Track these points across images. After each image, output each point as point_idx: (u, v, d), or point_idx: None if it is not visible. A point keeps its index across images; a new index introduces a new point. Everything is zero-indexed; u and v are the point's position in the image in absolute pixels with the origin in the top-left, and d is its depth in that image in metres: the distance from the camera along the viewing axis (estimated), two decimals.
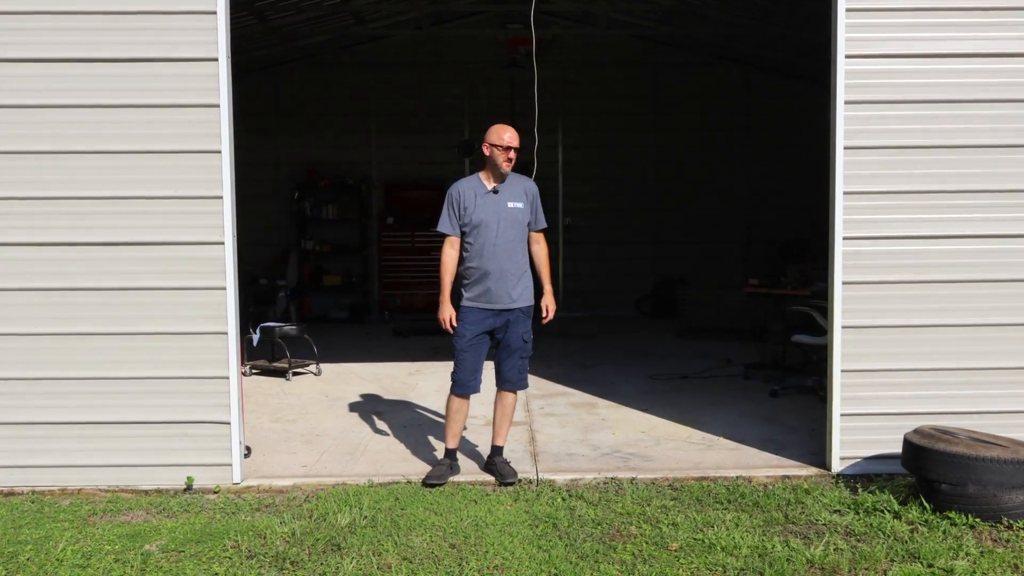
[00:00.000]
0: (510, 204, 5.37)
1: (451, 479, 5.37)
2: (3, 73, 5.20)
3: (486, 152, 5.37)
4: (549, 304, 5.51)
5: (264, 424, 6.90)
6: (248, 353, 8.78)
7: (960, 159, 5.35)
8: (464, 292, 5.43)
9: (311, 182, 13.18)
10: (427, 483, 5.28)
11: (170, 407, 5.33)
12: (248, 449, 5.80)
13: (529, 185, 5.51)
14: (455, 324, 5.36)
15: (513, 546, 4.36)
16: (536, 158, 6.40)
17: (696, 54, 13.24)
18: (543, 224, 5.54)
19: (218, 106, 5.20)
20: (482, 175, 5.46)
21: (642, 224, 13.67)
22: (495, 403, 5.57)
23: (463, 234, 5.41)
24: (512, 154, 5.33)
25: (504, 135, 5.33)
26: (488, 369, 5.48)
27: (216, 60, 5.19)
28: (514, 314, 5.39)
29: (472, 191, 5.40)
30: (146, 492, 5.31)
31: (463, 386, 5.40)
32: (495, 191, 5.39)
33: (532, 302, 5.49)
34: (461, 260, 5.42)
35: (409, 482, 5.33)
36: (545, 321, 5.51)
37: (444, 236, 5.44)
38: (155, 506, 5.03)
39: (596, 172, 13.55)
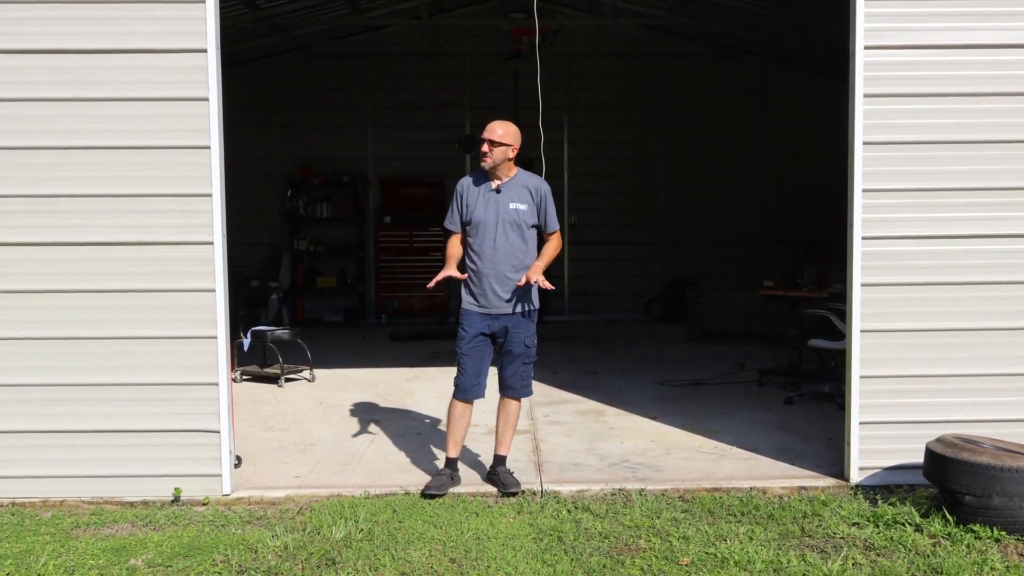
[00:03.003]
0: (511, 205, 5.21)
1: (452, 490, 5.27)
2: None
3: None
4: (531, 273, 5.10)
5: (255, 433, 6.82)
6: (238, 358, 8.71)
7: (987, 155, 5.23)
8: (463, 293, 5.34)
9: (304, 179, 13.03)
10: (426, 494, 5.18)
11: (156, 415, 5.22)
12: (238, 459, 5.70)
13: (538, 184, 5.30)
14: (440, 280, 5.11)
15: (516, 560, 4.29)
16: (544, 155, 6.26)
17: (708, 45, 13.08)
18: (554, 227, 5.33)
19: (207, 99, 5.10)
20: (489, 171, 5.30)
21: (652, 223, 13.51)
22: (498, 411, 5.46)
23: (466, 232, 5.30)
24: (484, 147, 5.14)
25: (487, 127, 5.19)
26: (492, 376, 5.38)
27: (205, 51, 5.09)
28: (513, 319, 5.25)
29: (477, 187, 5.28)
30: (131, 504, 5.20)
31: (465, 390, 5.29)
32: (497, 190, 5.24)
33: (535, 306, 5.34)
34: (465, 257, 5.32)
35: (407, 493, 5.25)
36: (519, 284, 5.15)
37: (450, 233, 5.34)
38: (141, 518, 4.94)
39: (604, 169, 13.38)
